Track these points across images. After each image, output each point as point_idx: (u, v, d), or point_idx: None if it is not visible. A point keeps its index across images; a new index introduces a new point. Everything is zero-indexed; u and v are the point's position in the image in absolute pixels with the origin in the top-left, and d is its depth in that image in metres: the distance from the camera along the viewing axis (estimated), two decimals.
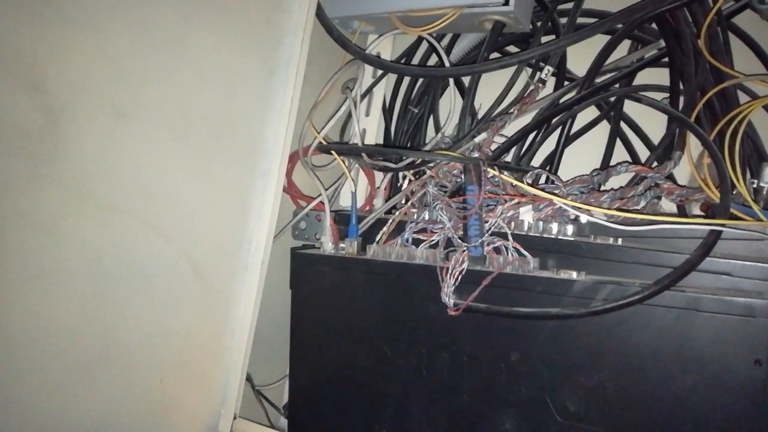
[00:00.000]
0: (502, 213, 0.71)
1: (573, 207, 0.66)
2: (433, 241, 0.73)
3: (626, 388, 0.61)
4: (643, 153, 0.86)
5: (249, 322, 0.81)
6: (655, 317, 0.60)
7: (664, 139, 0.76)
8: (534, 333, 0.66)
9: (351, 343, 0.77)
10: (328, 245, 0.80)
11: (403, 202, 0.82)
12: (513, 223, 0.71)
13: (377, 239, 0.77)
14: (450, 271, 0.67)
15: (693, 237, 0.63)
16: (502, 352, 0.67)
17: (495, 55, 0.92)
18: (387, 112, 0.98)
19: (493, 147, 0.80)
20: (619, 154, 0.87)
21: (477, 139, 0.80)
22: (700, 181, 0.69)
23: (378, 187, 0.90)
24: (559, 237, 0.70)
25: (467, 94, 0.86)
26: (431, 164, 0.78)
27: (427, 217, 0.75)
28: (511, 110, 0.82)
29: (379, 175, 0.94)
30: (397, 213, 0.78)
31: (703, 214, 0.74)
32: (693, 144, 0.73)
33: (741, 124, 0.69)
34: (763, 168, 0.71)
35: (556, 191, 0.74)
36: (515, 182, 0.70)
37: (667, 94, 0.79)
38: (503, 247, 0.69)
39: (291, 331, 0.81)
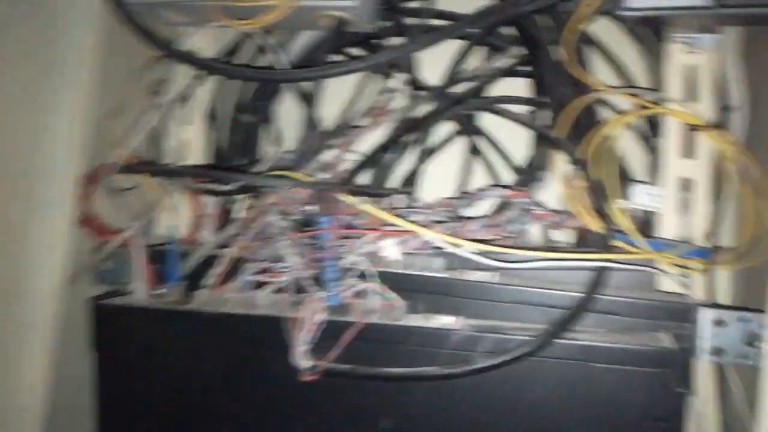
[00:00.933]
0: (361, 248, 0.59)
1: (443, 241, 0.56)
2: (279, 283, 0.59)
3: None
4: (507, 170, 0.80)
5: (39, 397, 0.61)
6: (544, 370, 0.53)
7: (531, 158, 0.69)
8: (408, 394, 0.55)
9: (180, 418, 0.60)
10: (140, 292, 0.62)
11: (240, 234, 0.66)
12: (374, 259, 0.60)
13: (207, 283, 0.61)
14: (302, 325, 0.54)
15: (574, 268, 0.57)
16: (371, 418, 0.56)
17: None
18: (213, 120, 0.81)
19: (344, 166, 0.68)
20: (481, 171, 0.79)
21: (327, 157, 0.68)
22: (573, 205, 0.63)
23: (205, 215, 0.73)
24: (429, 274, 0.60)
25: (311, 102, 0.73)
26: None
27: (270, 254, 0.60)
28: (363, 123, 0.70)
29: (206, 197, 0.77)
30: (233, 248, 0.62)
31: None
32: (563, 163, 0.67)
33: (611, 142, 0.65)
34: (634, 189, 0.67)
35: (421, 217, 0.64)
36: (375, 211, 0.59)
37: (533, 108, 0.73)
38: (367, 291, 0.57)
39: (99, 407, 0.62)
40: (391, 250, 0.59)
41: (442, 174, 0.77)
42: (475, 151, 0.78)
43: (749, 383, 0.55)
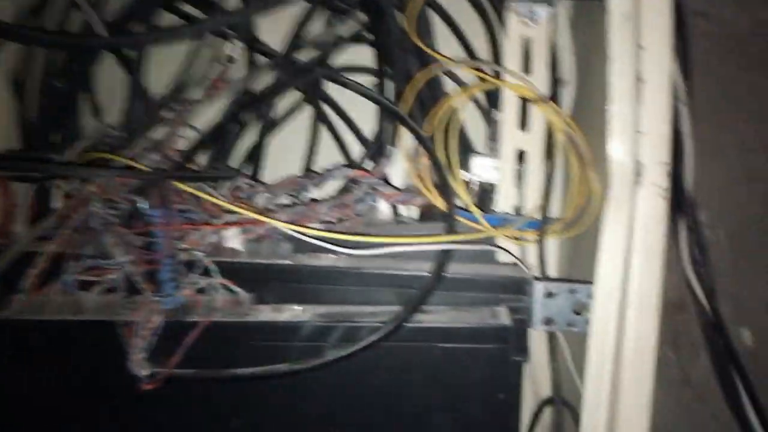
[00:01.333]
0: (201, 241, 0.55)
1: (289, 229, 0.54)
2: (108, 283, 0.54)
3: None
4: (355, 143, 0.77)
5: None
6: (394, 354, 0.53)
7: (378, 133, 0.68)
8: (260, 393, 0.53)
9: None
10: None
11: (59, 226, 0.59)
12: (216, 251, 0.56)
13: (23, 285, 0.54)
14: (137, 330, 0.50)
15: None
16: (221, 422, 0.53)
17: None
18: (18, 88, 0.70)
19: (179, 145, 0.62)
20: (329, 144, 0.76)
21: (156, 135, 0.61)
22: (419, 183, 0.63)
23: (16, 204, 0.64)
24: (275, 262, 0.57)
25: (135, 69, 0.65)
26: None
27: (96, 249, 0.54)
28: (198, 95, 0.64)
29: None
30: (52, 244, 0.55)
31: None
32: (409, 137, 0.66)
33: (454, 115, 0.65)
34: (473, 161, 0.68)
35: (265, 200, 0.61)
36: (214, 200, 0.54)
37: (377, 79, 0.71)
38: (209, 287, 0.53)
39: None
40: (234, 240, 0.55)
41: (287, 148, 0.73)
42: (322, 120, 0.75)
43: (578, 349, 0.61)
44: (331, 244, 0.53)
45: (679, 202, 0.72)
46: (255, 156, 0.67)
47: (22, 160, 0.64)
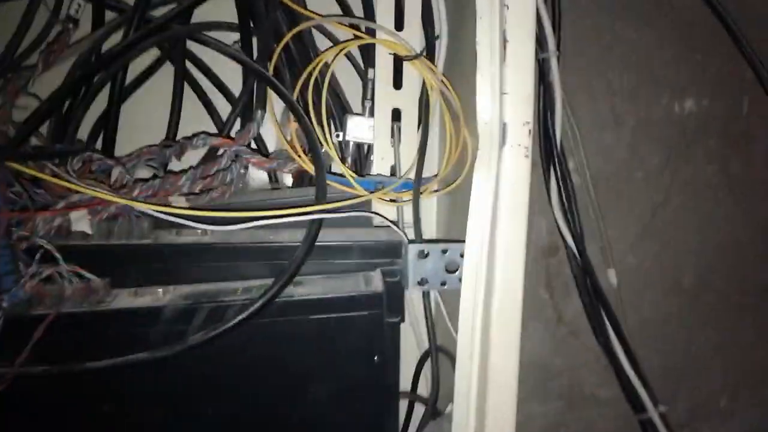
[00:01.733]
0: (41, 225, 0.50)
1: (146, 208, 0.50)
2: None
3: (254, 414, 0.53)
4: (222, 104, 0.72)
5: None
6: (265, 332, 0.51)
7: (241, 96, 0.64)
8: (122, 384, 0.50)
9: None
10: None
11: None
12: (65, 234, 0.52)
13: None
14: None
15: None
16: (90, 408, 0.50)
17: None
18: None
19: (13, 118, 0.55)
20: (193, 104, 0.71)
21: None
22: (288, 148, 0.60)
23: None
24: (132, 242, 0.53)
25: None
26: None
27: None
28: (34, 61, 0.57)
29: None
30: None
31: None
32: (276, 99, 0.63)
33: (324, 74, 0.62)
34: (347, 121, 0.66)
35: (119, 174, 0.56)
36: (56, 180, 0.49)
37: (239, 38, 0.66)
38: (57, 274, 0.49)
39: None
40: (81, 222, 0.51)
41: (146, 115, 0.67)
42: (186, 80, 0.69)
43: (455, 303, 0.62)
44: (193, 221, 0.50)
45: (548, 152, 0.74)
46: (107, 126, 0.61)
47: None
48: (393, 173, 0.67)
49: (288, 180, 0.71)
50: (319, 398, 0.54)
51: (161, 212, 0.49)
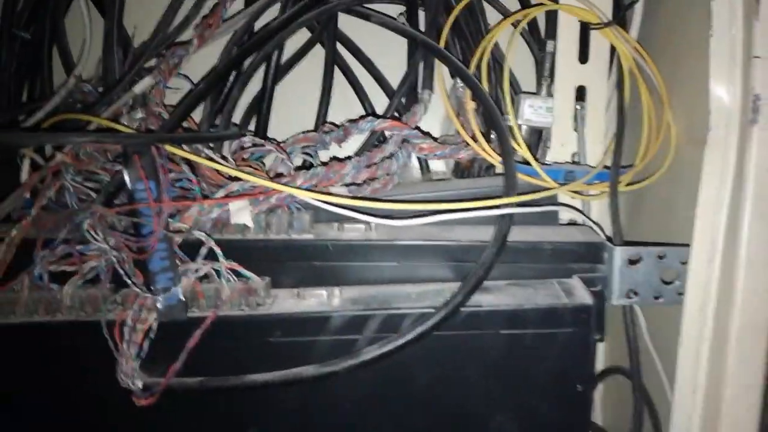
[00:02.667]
0: (200, 217, 0.44)
1: (314, 199, 0.43)
2: (89, 271, 0.43)
3: None
4: (373, 89, 0.65)
5: None
6: (448, 346, 0.43)
7: (408, 75, 0.56)
8: (280, 398, 0.44)
9: None
10: None
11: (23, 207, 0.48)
12: (219, 228, 0.46)
13: None
14: (127, 336, 0.40)
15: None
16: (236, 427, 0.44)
17: None
18: None
19: (169, 100, 0.51)
20: (342, 91, 0.64)
21: (139, 88, 0.50)
22: (462, 131, 0.52)
23: None
24: (293, 238, 0.47)
25: (108, 11, 0.53)
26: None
27: (66, 235, 0.43)
28: (189, 37, 0.52)
29: None
30: (15, 229, 0.45)
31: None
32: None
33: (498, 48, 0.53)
34: (521, 102, 0.57)
35: (274, 162, 0.50)
36: (216, 165, 0.44)
37: (404, 8, 0.58)
38: (213, 272, 0.43)
39: None
40: (242, 214, 0.45)
41: (294, 99, 0.61)
42: (336, 64, 0.63)
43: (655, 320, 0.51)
44: (368, 214, 0.43)
45: None
46: (260, 109, 0.55)
47: None
48: (573, 162, 0.57)
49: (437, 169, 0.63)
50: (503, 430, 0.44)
51: (338, 205, 0.42)
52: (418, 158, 0.61)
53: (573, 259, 0.47)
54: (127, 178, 0.40)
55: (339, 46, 0.63)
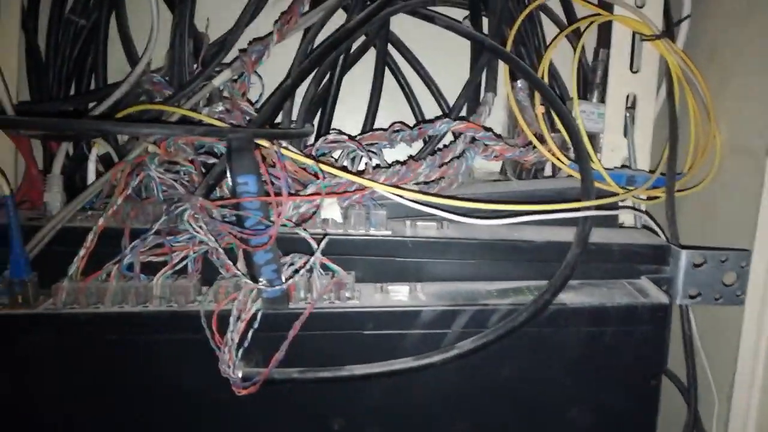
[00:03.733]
0: (293, 211, 0.45)
1: (405, 198, 0.44)
2: (179, 262, 0.44)
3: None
4: (422, 91, 0.66)
5: None
6: (532, 342, 0.45)
7: (473, 78, 0.57)
8: (372, 391, 0.45)
9: None
10: None
11: (108, 196, 0.48)
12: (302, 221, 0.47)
13: (70, 271, 0.43)
14: (232, 326, 0.40)
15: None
16: (325, 424, 0.45)
17: None
18: (31, 25, 0.57)
19: (254, 95, 0.51)
20: (391, 93, 0.65)
21: (218, 81, 0.50)
22: (530, 134, 0.54)
23: (45, 171, 0.52)
24: (373, 232, 0.48)
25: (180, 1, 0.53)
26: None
27: (159, 225, 0.44)
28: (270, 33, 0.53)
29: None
30: (102, 217, 0.45)
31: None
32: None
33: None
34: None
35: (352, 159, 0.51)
36: (324, 166, 0.44)
37: (468, 14, 0.60)
38: (305, 267, 0.44)
39: None
40: (332, 209, 0.46)
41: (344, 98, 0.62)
42: (387, 64, 0.63)
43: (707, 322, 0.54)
44: (457, 214, 0.44)
45: None
46: (324, 107, 0.56)
47: (46, 116, 0.52)
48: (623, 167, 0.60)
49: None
50: (579, 423, 0.46)
51: (429, 204, 0.43)
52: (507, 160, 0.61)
53: (640, 260, 0.49)
54: (230, 171, 0.41)
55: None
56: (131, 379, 0.43)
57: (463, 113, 0.57)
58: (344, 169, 0.47)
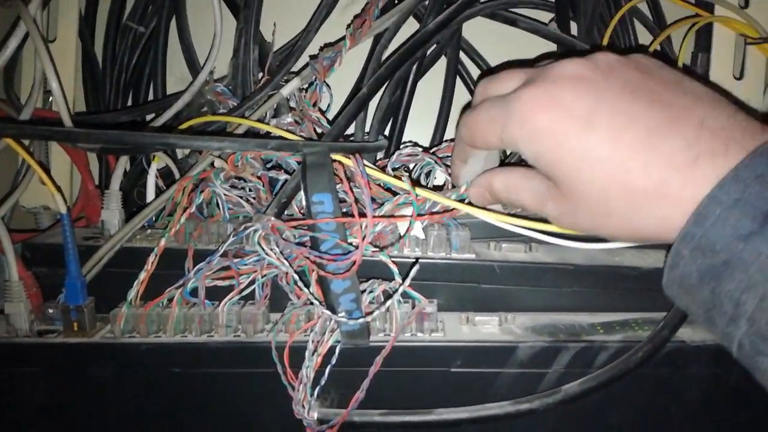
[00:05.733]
0: (367, 232, 0.40)
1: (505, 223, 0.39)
2: (247, 286, 0.40)
3: None
4: None
5: None
6: (645, 384, 0.39)
7: None
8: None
9: None
10: (20, 317, 0.39)
11: (170, 214, 0.45)
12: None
13: (129, 296, 0.40)
14: (308, 360, 0.36)
15: None
16: None
17: None
18: (88, 31, 0.55)
19: (325, 104, 0.47)
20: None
21: (286, 90, 0.46)
22: None
23: (102, 187, 0.49)
24: (455, 255, 0.43)
25: (246, 6, 0.49)
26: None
27: (227, 246, 0.39)
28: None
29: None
30: (164, 236, 0.41)
31: None
32: None
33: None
34: None
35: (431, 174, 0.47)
36: (396, 181, 0.40)
37: (553, 16, 0.55)
38: (384, 293, 0.39)
39: None
40: (418, 230, 0.41)
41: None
42: (455, 75, 0.59)
43: None
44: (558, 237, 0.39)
45: None
46: (395, 117, 0.52)
47: (104, 127, 0.49)
48: None
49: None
50: None
51: (521, 227, 0.38)
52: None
53: None
54: (304, 188, 0.37)
55: None
56: (194, 415, 0.39)
57: None
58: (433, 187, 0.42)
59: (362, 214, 0.37)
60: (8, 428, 0.39)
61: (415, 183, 0.44)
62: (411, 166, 0.49)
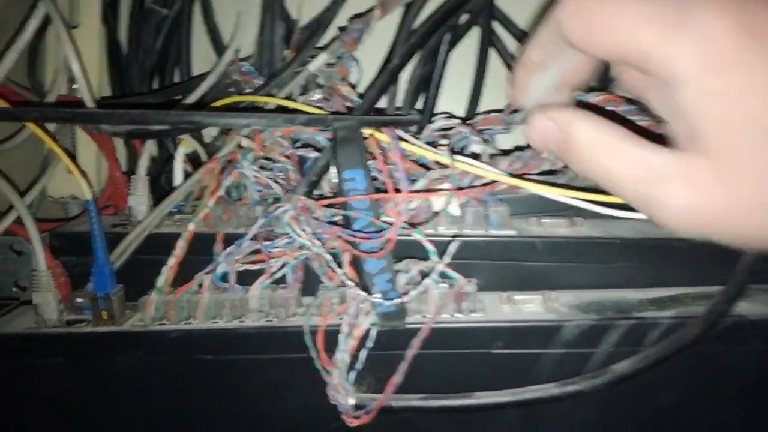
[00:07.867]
0: (402, 208, 0.39)
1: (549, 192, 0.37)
2: (279, 269, 0.38)
3: None
4: None
5: None
6: (695, 362, 0.37)
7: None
8: (500, 419, 0.38)
9: None
10: (49, 307, 0.39)
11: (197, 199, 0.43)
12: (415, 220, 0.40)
13: (158, 282, 0.39)
14: (342, 344, 0.34)
15: None
16: None
17: None
18: (111, 16, 0.54)
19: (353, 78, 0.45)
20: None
21: (314, 66, 0.44)
22: None
23: (129, 173, 0.48)
24: (494, 232, 0.41)
25: None
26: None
27: (258, 229, 0.38)
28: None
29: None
30: (192, 221, 0.40)
31: None
32: None
33: None
34: None
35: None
36: (434, 153, 0.38)
37: None
38: (420, 273, 0.37)
39: None
40: (450, 204, 0.39)
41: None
42: (487, 45, 0.56)
43: None
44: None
45: None
46: (428, 89, 0.49)
47: (129, 108, 0.48)
48: None
49: None
50: None
51: (582, 200, 0.35)
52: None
53: None
54: (336, 165, 0.35)
55: None
56: (226, 402, 0.38)
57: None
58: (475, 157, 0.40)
59: (396, 190, 0.36)
60: (38, 419, 0.39)
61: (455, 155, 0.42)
62: (442, 143, 0.47)
